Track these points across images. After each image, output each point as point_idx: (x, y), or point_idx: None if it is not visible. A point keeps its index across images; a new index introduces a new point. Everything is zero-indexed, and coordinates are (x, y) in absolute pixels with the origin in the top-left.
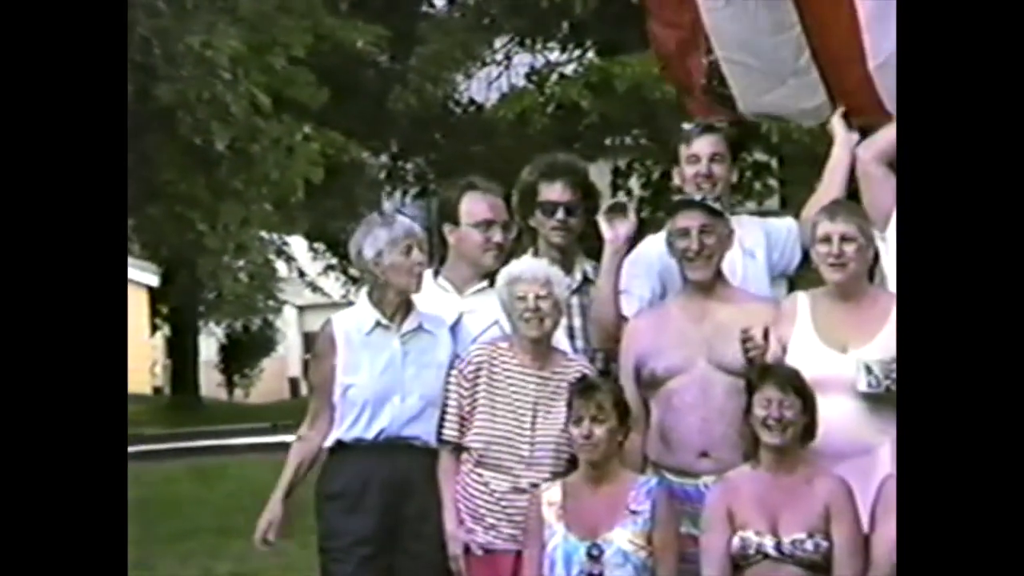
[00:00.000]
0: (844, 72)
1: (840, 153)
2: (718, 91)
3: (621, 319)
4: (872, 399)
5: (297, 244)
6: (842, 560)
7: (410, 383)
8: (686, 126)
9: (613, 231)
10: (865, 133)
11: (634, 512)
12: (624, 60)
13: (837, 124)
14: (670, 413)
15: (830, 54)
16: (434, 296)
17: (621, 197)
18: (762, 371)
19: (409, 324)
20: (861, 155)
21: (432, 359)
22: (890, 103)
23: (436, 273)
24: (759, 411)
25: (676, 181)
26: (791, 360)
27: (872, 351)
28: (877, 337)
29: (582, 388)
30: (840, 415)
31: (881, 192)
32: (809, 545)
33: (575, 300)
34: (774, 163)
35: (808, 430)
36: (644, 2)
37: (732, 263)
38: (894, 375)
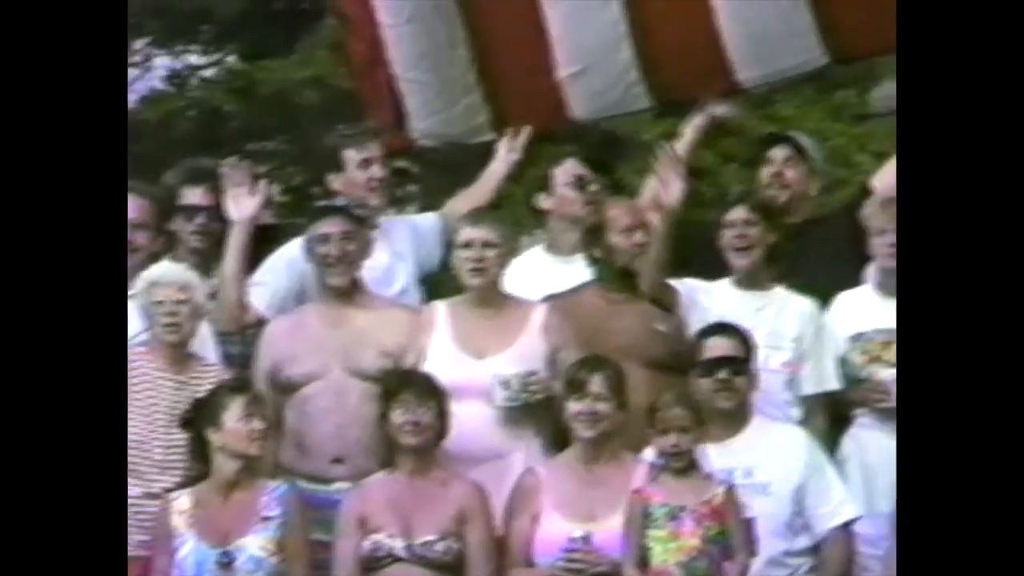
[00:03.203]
0: (521, 84)
1: (498, 167)
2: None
3: (244, 304)
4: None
5: None
6: (476, 561)
7: None
8: (346, 131)
9: (238, 209)
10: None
11: (266, 518)
12: (267, 65)
13: (502, 142)
14: (305, 419)
15: (505, 67)
16: None
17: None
18: (398, 377)
19: None
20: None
21: None
22: (580, 109)
23: None
24: (397, 415)
25: (337, 186)
26: (430, 368)
27: (508, 360)
28: (514, 346)
29: (237, 385)
30: (475, 421)
31: None
32: (440, 547)
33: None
34: (415, 169)
35: (441, 434)
36: (339, 11)
37: (390, 267)
38: (531, 387)
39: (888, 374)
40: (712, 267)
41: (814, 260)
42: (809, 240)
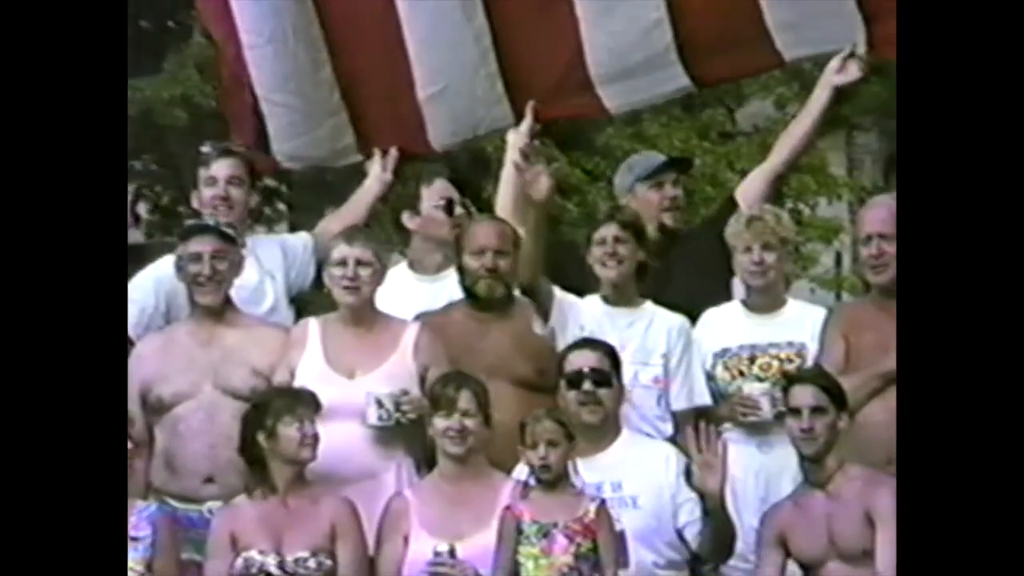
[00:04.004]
0: (385, 106)
1: (371, 185)
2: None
3: None
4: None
5: None
6: None
7: None
8: (204, 148)
9: None
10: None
11: (135, 539)
12: (134, 84)
13: (375, 161)
14: (176, 439)
15: (369, 89)
16: None
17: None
18: (290, 393)
19: None
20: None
21: None
22: (436, 136)
23: None
24: (292, 431)
25: (195, 204)
26: (299, 385)
27: (378, 380)
28: (384, 364)
29: None
30: (347, 440)
31: None
32: (312, 563)
33: None
34: (284, 188)
35: None
36: (205, 31)
37: (259, 286)
38: (405, 407)
39: (754, 388)
40: (580, 284)
41: (685, 275)
42: (680, 255)
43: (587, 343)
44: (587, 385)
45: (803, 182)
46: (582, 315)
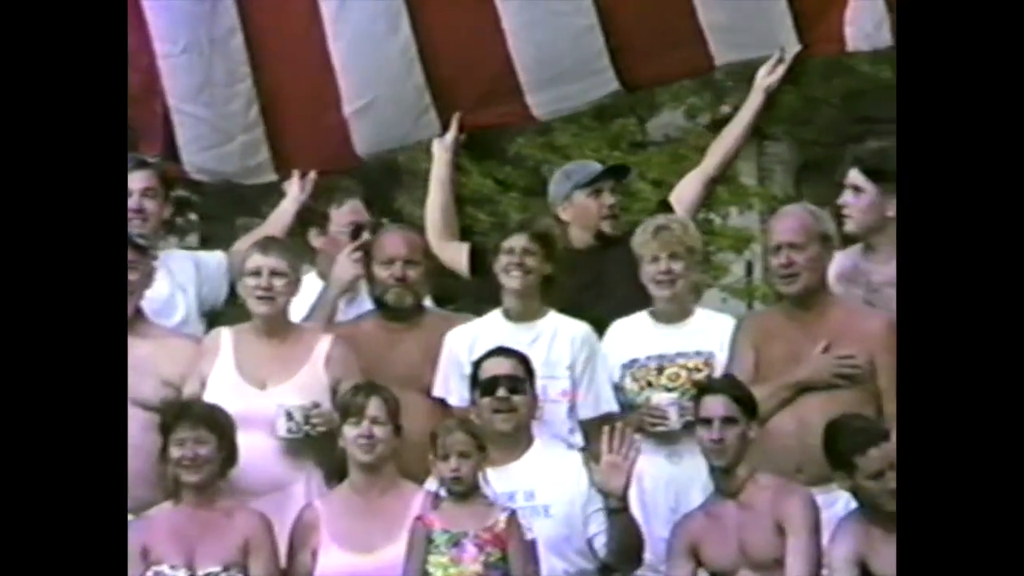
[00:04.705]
0: (306, 124)
1: (288, 206)
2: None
3: None
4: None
5: None
6: None
7: None
8: None
9: None
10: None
11: None
12: None
13: (292, 182)
14: None
15: (291, 106)
16: None
17: None
18: (176, 409)
19: None
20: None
21: None
22: (362, 147)
23: None
24: (175, 451)
25: None
26: (211, 396)
27: (290, 391)
28: (296, 376)
29: None
30: (258, 451)
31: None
32: None
33: None
34: (195, 198)
35: (226, 463)
36: None
37: (170, 298)
38: (314, 420)
39: (663, 398)
40: (490, 294)
41: (607, 282)
42: (604, 262)
43: (501, 351)
44: (501, 391)
45: (714, 191)
46: (487, 336)
